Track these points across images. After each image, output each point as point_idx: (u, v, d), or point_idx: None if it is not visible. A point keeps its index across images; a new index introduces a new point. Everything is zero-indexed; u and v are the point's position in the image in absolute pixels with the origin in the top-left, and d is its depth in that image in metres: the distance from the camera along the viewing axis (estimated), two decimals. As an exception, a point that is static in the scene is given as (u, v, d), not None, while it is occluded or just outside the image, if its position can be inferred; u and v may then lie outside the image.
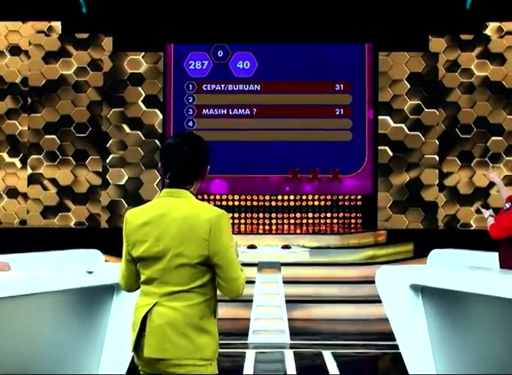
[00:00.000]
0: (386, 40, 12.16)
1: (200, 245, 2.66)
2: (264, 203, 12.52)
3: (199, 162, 2.80)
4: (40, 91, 12.37)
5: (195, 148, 2.79)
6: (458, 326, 4.83)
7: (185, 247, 2.66)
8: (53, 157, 12.35)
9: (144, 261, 2.75)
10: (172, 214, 2.71)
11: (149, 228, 2.73)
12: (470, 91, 12.28)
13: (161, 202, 2.78)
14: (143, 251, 2.73)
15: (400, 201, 12.08)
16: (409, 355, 5.10)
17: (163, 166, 2.82)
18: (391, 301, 5.17)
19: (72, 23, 12.41)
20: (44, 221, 12.24)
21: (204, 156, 2.82)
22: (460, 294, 4.72)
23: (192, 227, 2.67)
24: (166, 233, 2.69)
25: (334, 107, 12.49)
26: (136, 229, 2.76)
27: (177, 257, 2.67)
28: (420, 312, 5.03)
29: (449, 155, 12.21)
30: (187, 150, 2.77)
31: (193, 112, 12.54)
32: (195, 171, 2.81)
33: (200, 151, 2.81)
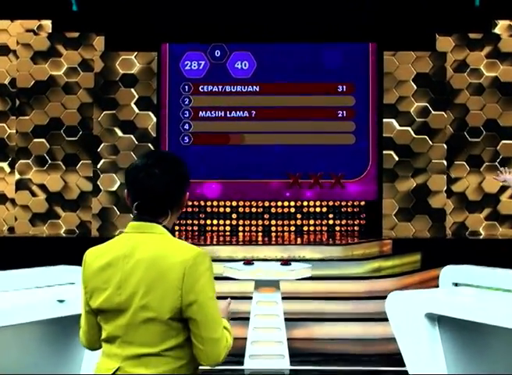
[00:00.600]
0: (391, 39, 11.62)
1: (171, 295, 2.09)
2: (263, 209, 12.01)
3: (175, 188, 2.25)
4: (29, 93, 11.81)
5: (170, 171, 2.24)
6: (480, 361, 4.28)
7: (152, 297, 2.09)
8: (42, 162, 11.79)
9: (104, 313, 2.17)
10: (138, 255, 2.13)
11: (109, 273, 2.15)
12: (479, 92, 11.72)
13: (126, 239, 2.20)
14: (102, 301, 2.15)
15: (405, 208, 11.52)
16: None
17: (129, 193, 2.25)
18: (404, 331, 4.60)
19: (63, 21, 11.87)
20: (33, 229, 11.69)
21: (181, 181, 2.27)
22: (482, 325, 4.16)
23: (162, 272, 2.10)
24: (129, 279, 2.12)
25: (336, 109, 11.99)
26: (95, 273, 2.18)
27: (143, 310, 2.09)
28: (437, 345, 4.46)
29: (458, 159, 11.66)
30: (160, 173, 2.21)
31: (189, 115, 12.03)
32: (170, 200, 2.25)
33: (177, 175, 2.26)
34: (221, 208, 12.02)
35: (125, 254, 2.15)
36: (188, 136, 11.99)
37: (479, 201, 11.69)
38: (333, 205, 11.99)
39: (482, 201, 11.69)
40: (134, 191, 2.23)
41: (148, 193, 2.20)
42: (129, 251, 2.15)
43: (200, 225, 11.95)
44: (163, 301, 2.09)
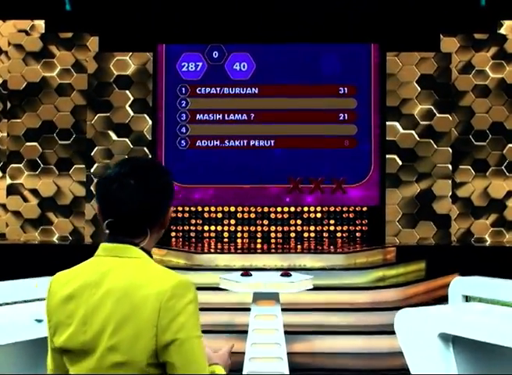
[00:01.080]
0: (394, 39, 11.29)
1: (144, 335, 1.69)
2: (262, 215, 11.65)
3: (154, 202, 1.84)
4: (21, 95, 11.47)
5: (148, 181, 1.84)
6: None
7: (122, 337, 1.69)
8: (34, 166, 11.44)
9: (69, 354, 1.76)
10: (108, 284, 1.74)
11: (73, 305, 1.76)
12: (485, 94, 11.38)
13: (96, 265, 1.81)
14: (65, 339, 1.75)
15: (409, 214, 11.17)
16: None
17: (100, 209, 1.88)
18: (416, 352, 4.23)
19: (56, 21, 11.55)
20: (25, 235, 11.34)
21: (162, 193, 1.87)
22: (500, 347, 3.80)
23: (134, 306, 1.70)
24: (96, 313, 1.72)
25: (338, 112, 11.66)
26: (59, 305, 1.79)
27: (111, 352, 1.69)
28: (451, 367, 4.09)
29: (463, 163, 11.32)
30: (136, 184, 1.81)
31: (186, 118, 11.69)
32: (148, 216, 1.85)
33: (157, 186, 1.86)
34: (219, 213, 11.67)
35: (92, 282, 1.76)
36: (185, 139, 11.67)
37: (485, 207, 11.34)
38: (334, 210, 11.64)
39: (488, 206, 11.34)
40: (106, 206, 1.84)
41: (122, 208, 1.81)
42: (97, 280, 1.76)
43: (198, 231, 11.60)
44: (135, 341, 1.69)
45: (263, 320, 5.96)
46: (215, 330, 7.34)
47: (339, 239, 11.48)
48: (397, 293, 8.21)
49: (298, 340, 7.17)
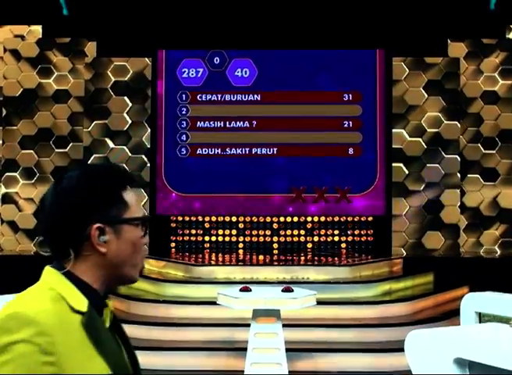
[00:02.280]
0: (400, 45, 11.04)
1: None
2: (264, 226, 11.34)
3: (66, 215, 1.56)
4: (17, 102, 11.22)
5: (60, 199, 1.58)
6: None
7: None
8: (30, 174, 11.17)
9: None
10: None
11: None
12: (493, 100, 11.10)
13: None
14: None
15: (417, 224, 10.84)
16: None
17: None
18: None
19: (53, 26, 11.33)
20: (20, 246, 11.04)
21: (71, 210, 1.57)
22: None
23: None
24: None
25: (342, 119, 11.40)
26: None
27: None
28: (467, 395, 3.75)
29: (471, 172, 11.00)
30: (49, 204, 1.58)
31: (186, 125, 11.43)
32: (61, 234, 1.57)
33: (66, 204, 1.57)
34: (220, 224, 11.36)
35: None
36: (185, 147, 11.41)
37: (494, 217, 11.02)
38: (339, 220, 11.33)
39: (498, 216, 11.02)
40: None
41: (40, 229, 1.64)
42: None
43: (198, 242, 11.28)
44: None
45: (263, 339, 5.61)
46: (213, 347, 7.01)
47: (344, 250, 11.16)
48: (405, 307, 7.87)
49: (301, 358, 6.81)
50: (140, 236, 1.65)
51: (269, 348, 5.61)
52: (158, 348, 6.97)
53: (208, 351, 6.91)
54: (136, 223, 1.64)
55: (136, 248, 1.64)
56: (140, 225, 1.66)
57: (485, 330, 4.17)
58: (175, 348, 6.95)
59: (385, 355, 6.81)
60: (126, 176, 1.68)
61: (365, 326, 7.35)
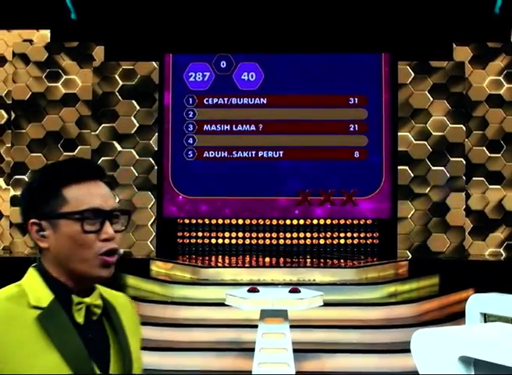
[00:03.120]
0: (406, 48, 11.09)
1: None
2: (270, 228, 11.41)
3: (20, 212, 1.71)
4: (26, 105, 11.31)
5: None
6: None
7: None
8: (38, 177, 11.23)
9: None
10: None
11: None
12: (499, 104, 11.14)
13: None
14: None
15: (422, 227, 10.90)
16: None
17: None
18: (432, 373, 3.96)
19: (62, 30, 11.41)
20: (29, 249, 11.13)
21: (22, 201, 1.71)
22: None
23: None
24: None
25: (348, 122, 11.44)
26: None
27: None
28: (472, 393, 3.82)
29: (477, 175, 11.04)
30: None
31: (193, 128, 11.49)
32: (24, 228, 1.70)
33: (21, 193, 1.73)
34: (226, 226, 11.43)
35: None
36: (192, 150, 11.47)
37: (499, 220, 11.06)
38: (345, 223, 11.39)
39: (503, 219, 11.06)
40: None
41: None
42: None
43: (205, 244, 11.35)
44: None
45: (271, 339, 5.69)
46: (221, 347, 7.08)
47: (350, 253, 11.21)
48: (410, 309, 7.94)
49: (307, 358, 6.88)
50: (79, 230, 1.61)
51: (277, 348, 5.68)
52: (166, 348, 7.05)
53: (216, 351, 6.99)
54: (74, 218, 1.61)
55: (78, 242, 1.61)
56: (81, 220, 1.61)
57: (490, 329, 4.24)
58: (183, 349, 7.03)
59: (390, 356, 6.88)
60: (72, 171, 1.66)
61: (371, 328, 7.42)
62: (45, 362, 1.52)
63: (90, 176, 1.68)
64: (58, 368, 1.52)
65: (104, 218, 1.64)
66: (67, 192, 1.64)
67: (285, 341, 5.66)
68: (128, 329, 1.70)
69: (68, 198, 1.63)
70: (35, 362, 1.51)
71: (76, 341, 1.56)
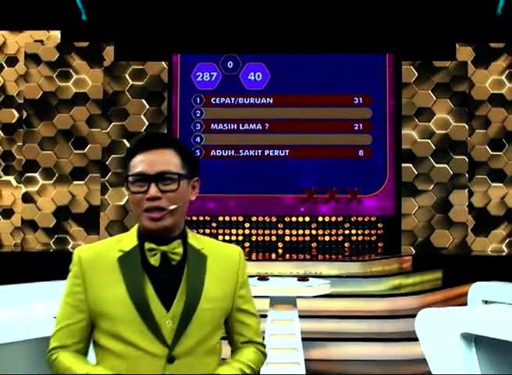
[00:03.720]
0: (409, 49, 11.31)
1: None
2: (276, 225, 11.61)
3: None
4: (37, 104, 11.53)
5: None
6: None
7: None
8: (49, 174, 11.47)
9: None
10: None
11: None
12: (501, 103, 11.34)
13: None
14: None
15: (426, 223, 11.10)
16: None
17: None
18: (437, 352, 4.17)
19: (72, 31, 11.63)
20: (40, 244, 11.35)
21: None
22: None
23: None
24: None
25: (353, 122, 11.66)
26: None
27: None
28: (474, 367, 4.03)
29: (479, 173, 11.24)
30: None
31: (200, 127, 11.73)
32: None
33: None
34: (233, 223, 11.65)
35: None
36: (199, 149, 11.70)
37: (502, 217, 11.24)
38: (350, 220, 11.58)
39: (505, 216, 11.25)
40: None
41: None
42: None
43: (212, 240, 11.53)
44: None
45: (280, 325, 5.90)
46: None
47: (355, 249, 11.41)
48: (414, 301, 8.13)
49: (314, 346, 7.10)
50: (130, 192, 1.97)
51: (286, 334, 5.90)
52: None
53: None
54: (128, 181, 1.98)
55: (132, 201, 1.98)
56: (130, 183, 1.97)
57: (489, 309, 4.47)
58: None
59: (394, 345, 7.09)
60: (136, 145, 1.99)
61: (376, 318, 7.62)
62: (114, 293, 1.92)
63: (149, 147, 1.98)
64: (122, 300, 1.89)
65: (150, 180, 1.92)
66: (132, 161, 1.98)
67: (294, 327, 5.87)
68: (212, 273, 1.98)
69: (130, 166, 1.98)
70: (107, 293, 1.93)
71: (139, 280, 1.89)
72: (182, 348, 1.91)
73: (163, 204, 1.94)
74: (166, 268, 1.95)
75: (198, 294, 1.93)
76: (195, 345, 1.93)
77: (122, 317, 1.89)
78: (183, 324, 1.91)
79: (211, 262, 2.00)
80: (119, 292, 1.91)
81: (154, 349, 1.89)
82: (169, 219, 1.96)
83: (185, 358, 1.91)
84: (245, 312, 2.08)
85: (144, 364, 1.89)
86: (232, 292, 2.04)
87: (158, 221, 1.94)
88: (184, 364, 1.91)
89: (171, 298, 1.93)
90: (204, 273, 1.96)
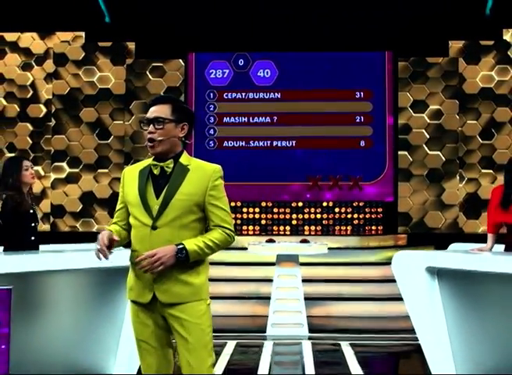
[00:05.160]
0: (406, 46, 12.22)
1: None
2: (284, 210, 12.46)
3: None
4: (65, 99, 12.58)
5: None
6: (473, 307, 4.85)
7: None
8: (76, 163, 12.53)
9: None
10: None
11: None
12: (490, 96, 12.26)
13: None
14: None
15: (420, 206, 12.08)
16: (425, 337, 5.12)
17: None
18: (407, 284, 5.20)
19: (96, 32, 12.63)
20: (68, 227, 12.39)
21: None
22: (474, 275, 4.75)
23: None
24: None
25: (354, 114, 12.53)
26: None
27: None
28: (436, 295, 5.06)
29: (470, 160, 12.17)
30: None
31: (214, 120, 12.65)
32: None
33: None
34: (244, 208, 12.51)
35: None
36: (213, 140, 12.61)
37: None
38: (352, 205, 12.44)
39: (494, 200, 12.10)
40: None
41: None
42: None
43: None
44: None
45: (285, 279, 6.94)
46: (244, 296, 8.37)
47: (356, 230, 12.24)
48: (406, 269, 9.11)
49: (317, 305, 8.15)
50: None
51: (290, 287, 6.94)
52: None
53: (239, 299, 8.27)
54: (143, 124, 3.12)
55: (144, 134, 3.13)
56: (141, 123, 3.12)
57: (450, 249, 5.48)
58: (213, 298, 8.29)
59: (385, 304, 8.12)
60: (150, 102, 3.13)
61: (370, 282, 8.65)
62: (133, 189, 3.10)
63: (154, 103, 3.12)
64: (134, 194, 3.08)
65: (148, 122, 3.09)
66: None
67: (296, 281, 6.92)
68: (189, 180, 3.05)
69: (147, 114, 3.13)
70: (130, 191, 3.13)
71: (144, 182, 3.07)
72: (161, 222, 2.97)
73: (154, 137, 3.03)
74: (164, 176, 3.05)
75: (175, 190, 3.02)
76: (170, 221, 2.97)
77: (134, 203, 3.05)
78: (163, 207, 2.99)
79: (191, 172, 3.05)
80: (134, 190, 3.07)
81: (146, 221, 2.99)
82: (159, 146, 3.03)
83: (162, 229, 2.96)
84: (214, 205, 3.04)
85: (141, 230, 3.01)
86: (204, 191, 3.03)
87: (152, 148, 3.06)
88: (163, 232, 2.96)
89: (161, 192, 3.03)
90: (183, 178, 3.03)
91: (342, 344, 6.59)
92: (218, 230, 3.03)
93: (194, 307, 2.94)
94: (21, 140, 12.78)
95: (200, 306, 2.97)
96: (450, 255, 5.01)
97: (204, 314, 2.97)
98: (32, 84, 12.88)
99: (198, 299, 2.96)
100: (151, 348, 2.97)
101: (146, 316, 2.96)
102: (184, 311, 2.92)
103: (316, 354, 6.19)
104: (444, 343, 5.00)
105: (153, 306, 2.95)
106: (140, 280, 2.96)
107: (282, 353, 6.32)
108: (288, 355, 6.32)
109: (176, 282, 2.92)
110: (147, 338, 2.97)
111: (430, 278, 5.04)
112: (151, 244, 2.92)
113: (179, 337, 2.93)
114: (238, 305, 8.23)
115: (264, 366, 5.76)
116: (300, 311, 6.89)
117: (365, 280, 8.66)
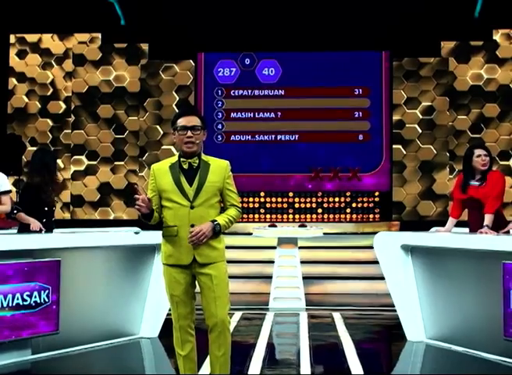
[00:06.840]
0: (401, 46, 13.00)
1: None
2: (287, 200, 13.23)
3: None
4: (83, 97, 13.48)
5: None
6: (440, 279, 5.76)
7: None
8: (94, 156, 13.46)
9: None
10: None
11: None
12: (479, 93, 13.07)
13: None
14: None
15: (413, 195, 12.96)
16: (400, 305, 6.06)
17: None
18: (386, 261, 6.13)
19: (112, 34, 13.46)
20: (87, 215, 13.31)
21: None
22: (441, 252, 5.66)
23: None
24: None
25: (353, 110, 13.25)
26: None
27: None
28: (409, 269, 5.99)
29: (460, 152, 12.81)
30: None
31: (222, 116, 13.43)
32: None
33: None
34: (250, 197, 13.27)
35: None
36: (221, 135, 13.41)
37: (480, 191, 12.93)
38: (350, 195, 13.22)
39: (483, 190, 12.92)
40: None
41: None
42: None
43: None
44: None
45: (285, 259, 7.90)
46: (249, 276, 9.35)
47: (354, 218, 13.08)
48: (396, 252, 10.05)
49: (315, 284, 9.10)
50: (177, 134, 3.90)
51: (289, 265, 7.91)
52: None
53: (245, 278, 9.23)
54: (176, 129, 3.91)
55: (178, 140, 3.92)
56: (177, 130, 3.90)
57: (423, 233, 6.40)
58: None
59: (375, 282, 9.03)
60: (180, 113, 3.96)
61: (362, 263, 9.59)
62: (167, 179, 3.90)
63: (186, 114, 3.97)
64: (170, 182, 3.89)
65: (187, 129, 3.91)
66: (178, 121, 3.94)
67: (295, 261, 7.88)
68: (212, 172, 3.93)
69: (177, 123, 3.95)
70: (164, 179, 3.92)
71: (177, 174, 3.90)
72: (196, 202, 3.81)
73: (193, 140, 3.88)
74: (191, 170, 3.90)
75: (204, 179, 3.90)
76: (203, 202, 3.82)
77: (170, 189, 3.84)
78: (197, 191, 3.84)
79: (212, 166, 3.93)
80: (169, 180, 3.86)
81: (185, 203, 3.82)
82: (195, 147, 3.88)
83: (198, 208, 3.81)
84: (229, 190, 3.95)
85: (180, 210, 3.83)
86: (222, 179, 3.91)
87: (190, 148, 3.89)
88: (198, 210, 3.81)
89: (192, 181, 3.87)
90: (208, 170, 3.92)
91: (334, 316, 7.48)
92: (234, 209, 3.95)
93: (219, 266, 3.83)
94: (42, 134, 13.68)
95: (224, 265, 3.88)
96: (421, 235, 5.95)
97: (226, 272, 3.90)
98: (52, 83, 13.75)
99: (222, 260, 3.86)
100: (181, 301, 3.87)
101: (181, 276, 3.83)
102: (213, 268, 3.80)
103: (310, 320, 7.13)
104: (415, 310, 5.94)
105: (190, 267, 3.82)
106: (181, 248, 3.81)
107: (281, 323, 7.24)
108: (286, 324, 7.25)
109: (208, 247, 3.79)
110: (179, 293, 3.85)
111: (404, 254, 5.98)
112: (189, 219, 3.79)
113: (207, 288, 3.82)
114: (244, 284, 9.18)
115: (266, 327, 6.72)
116: (298, 287, 7.85)
117: (357, 262, 9.60)
